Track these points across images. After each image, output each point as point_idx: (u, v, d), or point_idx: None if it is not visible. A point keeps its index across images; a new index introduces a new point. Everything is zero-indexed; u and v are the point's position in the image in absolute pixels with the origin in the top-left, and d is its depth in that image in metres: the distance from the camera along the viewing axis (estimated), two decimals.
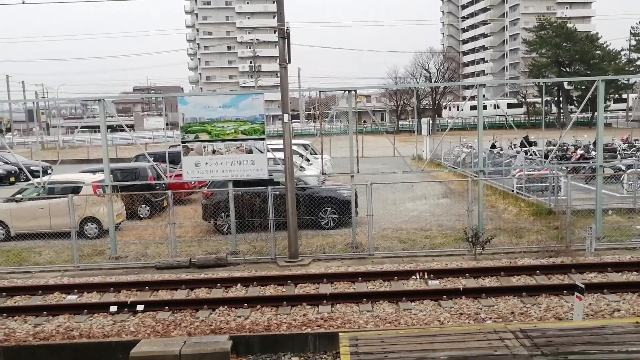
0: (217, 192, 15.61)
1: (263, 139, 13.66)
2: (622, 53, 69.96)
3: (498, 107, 62.47)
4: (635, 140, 31.25)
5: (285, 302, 10.06)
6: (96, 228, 15.78)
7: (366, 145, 31.99)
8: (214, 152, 13.60)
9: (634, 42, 70.47)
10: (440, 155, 31.67)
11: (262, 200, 14.19)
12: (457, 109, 69.30)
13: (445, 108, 78.56)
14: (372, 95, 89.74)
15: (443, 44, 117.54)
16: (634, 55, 70.81)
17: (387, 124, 76.76)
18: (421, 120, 38.69)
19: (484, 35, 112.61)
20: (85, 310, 10.14)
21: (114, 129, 54.43)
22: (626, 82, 63.76)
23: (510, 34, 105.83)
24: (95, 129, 64.99)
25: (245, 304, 10.07)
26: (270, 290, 10.94)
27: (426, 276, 11.14)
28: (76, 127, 67.93)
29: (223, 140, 13.56)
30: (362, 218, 14.38)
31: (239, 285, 11.21)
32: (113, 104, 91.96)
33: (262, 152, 13.65)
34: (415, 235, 14.67)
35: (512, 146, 30.91)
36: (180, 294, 10.97)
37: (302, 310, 9.81)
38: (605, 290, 9.99)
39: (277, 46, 12.93)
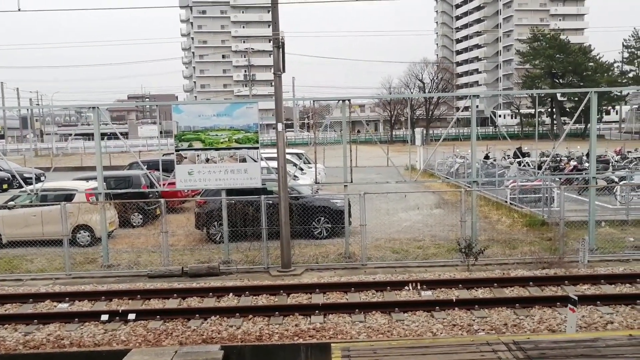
0: (210, 200, 15.57)
1: (257, 148, 13.66)
2: (615, 65, 70.57)
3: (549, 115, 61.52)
4: (628, 152, 31.39)
5: (277, 312, 10.02)
6: (89, 236, 15.69)
7: (360, 155, 32.08)
8: (207, 160, 13.58)
9: (626, 54, 71.05)
10: (434, 165, 31.73)
11: (255, 209, 14.16)
12: (511, 117, 70.28)
13: (500, 116, 78.79)
14: (366, 105, 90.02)
15: (437, 55, 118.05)
16: (627, 67, 71.36)
17: (381, 134, 76.94)
18: (415, 131, 38.71)
19: (477, 46, 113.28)
20: (76, 319, 10.07)
21: (108, 136, 54.33)
22: (619, 93, 64.16)
23: (503, 45, 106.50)
24: (89, 136, 64.77)
25: (237, 314, 10.03)
26: (263, 300, 10.90)
27: (419, 287, 11.13)
28: (70, 135, 67.70)
29: (217, 149, 13.55)
30: (355, 228, 14.36)
31: (231, 294, 11.17)
32: (107, 111, 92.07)
33: (255, 161, 13.64)
34: (408, 245, 14.65)
35: (506, 157, 31.00)
36: (172, 303, 10.92)
37: (294, 321, 9.77)
38: (598, 302, 10.00)
39: (272, 55, 12.93)
